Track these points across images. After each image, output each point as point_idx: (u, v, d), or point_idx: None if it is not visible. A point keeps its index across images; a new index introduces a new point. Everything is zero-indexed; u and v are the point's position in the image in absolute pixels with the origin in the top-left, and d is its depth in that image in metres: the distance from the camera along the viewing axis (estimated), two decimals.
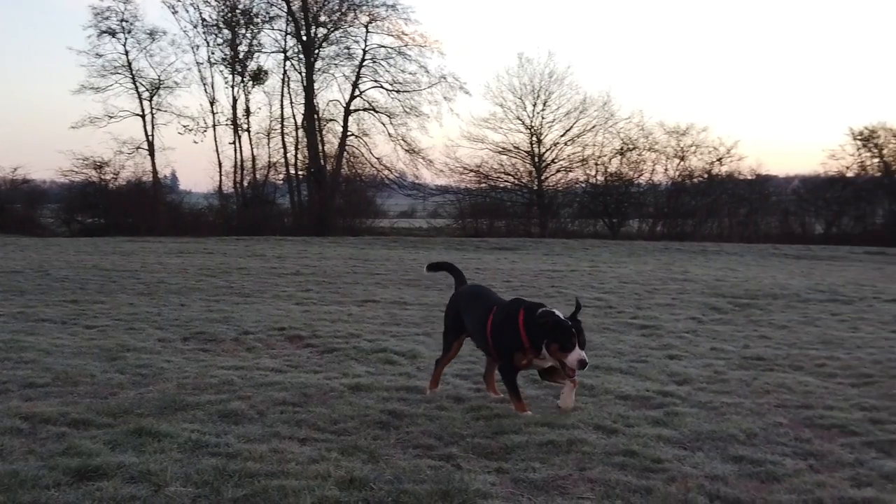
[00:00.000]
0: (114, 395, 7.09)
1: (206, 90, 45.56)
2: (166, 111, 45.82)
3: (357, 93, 46.30)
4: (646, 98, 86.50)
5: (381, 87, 46.45)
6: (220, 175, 46.31)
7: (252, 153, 46.46)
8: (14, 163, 67.86)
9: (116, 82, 45.07)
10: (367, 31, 45.56)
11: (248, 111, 45.93)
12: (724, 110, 77.11)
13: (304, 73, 45.58)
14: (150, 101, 45.51)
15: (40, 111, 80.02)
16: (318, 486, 4.87)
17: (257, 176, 46.80)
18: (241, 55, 45.44)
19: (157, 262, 21.07)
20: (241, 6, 45.46)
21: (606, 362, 8.70)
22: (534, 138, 46.40)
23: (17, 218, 44.47)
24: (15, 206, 46.39)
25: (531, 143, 46.43)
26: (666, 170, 45.53)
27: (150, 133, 45.30)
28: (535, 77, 46.34)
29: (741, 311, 13.11)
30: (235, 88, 45.56)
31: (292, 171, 47.00)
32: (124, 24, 44.57)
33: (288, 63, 45.87)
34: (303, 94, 45.72)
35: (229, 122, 45.70)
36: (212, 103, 45.59)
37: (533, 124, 46.32)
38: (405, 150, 46.58)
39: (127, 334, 10.01)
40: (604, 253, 29.21)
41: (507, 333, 6.75)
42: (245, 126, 45.97)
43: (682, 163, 45.05)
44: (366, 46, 45.75)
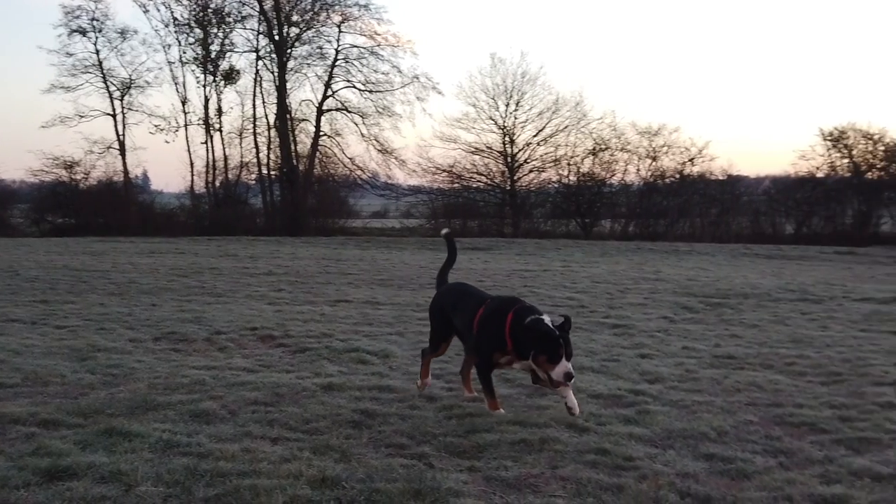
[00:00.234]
0: (84, 395, 7.04)
1: (177, 90, 45.38)
2: (137, 111, 45.64)
3: (330, 93, 46.28)
4: (618, 98, 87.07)
5: (354, 87, 46.42)
6: (192, 175, 46.16)
7: (224, 153, 46.37)
8: None
9: (87, 81, 44.85)
10: (340, 31, 45.57)
11: (220, 111, 45.75)
12: (696, 111, 77.58)
13: (276, 73, 45.41)
14: (121, 100, 45.30)
15: (10, 110, 79.17)
16: (290, 485, 4.86)
17: (229, 176, 46.59)
18: (212, 54, 45.27)
19: (129, 262, 20.94)
20: (212, 5, 45.30)
21: (579, 361, 8.70)
22: (506, 138, 46.43)
23: None
24: None
25: (504, 144, 46.45)
26: (638, 170, 45.74)
27: (121, 133, 45.07)
28: (507, 77, 46.41)
29: (712, 311, 13.18)
30: (207, 88, 45.41)
31: (265, 171, 46.89)
32: (95, 23, 44.35)
33: (260, 62, 45.78)
34: (275, 93, 45.59)
35: (201, 122, 45.53)
36: (183, 103, 45.38)
37: (506, 124, 46.38)
38: (378, 150, 46.59)
39: (97, 334, 9.94)
40: (576, 253, 29.29)
41: (491, 332, 6.68)
42: (217, 126, 45.81)
43: (654, 163, 45.26)
44: (338, 46, 45.75)
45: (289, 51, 45.40)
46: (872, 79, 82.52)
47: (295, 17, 45.62)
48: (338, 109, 46.58)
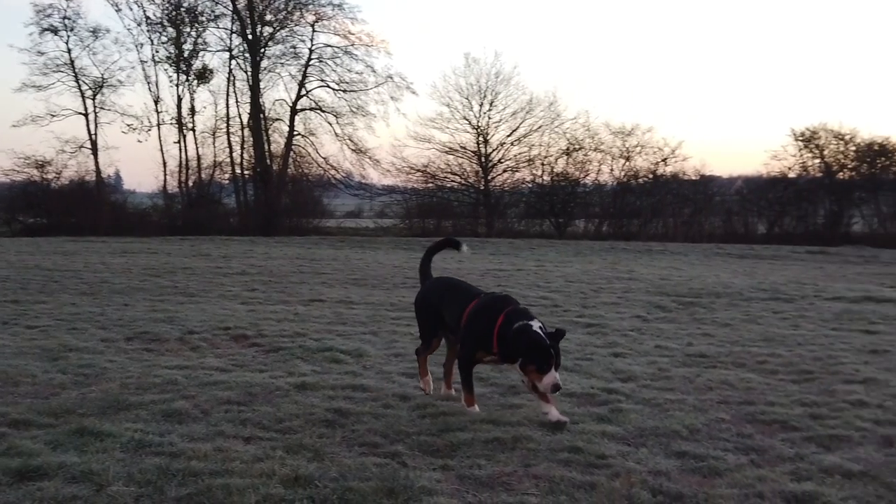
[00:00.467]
0: (55, 395, 6.99)
1: (150, 89, 45.16)
2: (110, 110, 45.41)
3: (303, 92, 46.28)
4: (592, 99, 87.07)
5: (328, 86, 46.44)
6: (165, 174, 45.99)
7: (197, 152, 46.17)
8: None
9: (59, 80, 44.53)
10: (314, 31, 45.55)
11: (193, 110, 45.62)
12: (669, 111, 77.80)
13: (249, 72, 45.39)
14: (93, 99, 45.01)
15: None
16: (263, 484, 4.85)
17: (203, 175, 46.45)
18: (185, 54, 45.13)
19: (101, 261, 20.79)
20: (185, 4, 45.18)
21: None
22: (480, 138, 46.59)
23: None
24: None
25: (478, 143, 46.61)
26: (611, 170, 45.93)
27: (93, 132, 44.81)
28: (481, 77, 46.54)
29: (685, 310, 13.25)
30: (180, 87, 45.28)
31: (238, 170, 46.76)
32: (67, 21, 44.07)
33: (233, 62, 45.71)
34: (248, 93, 45.57)
35: (174, 121, 45.37)
36: (156, 102, 45.18)
37: (479, 124, 46.51)
38: (352, 149, 46.61)
39: (69, 334, 9.87)
40: (550, 252, 29.34)
41: (479, 330, 6.59)
42: (190, 125, 45.69)
43: (628, 163, 45.48)
44: (312, 46, 45.73)
45: (262, 50, 45.33)
46: (844, 79, 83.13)
47: (268, 17, 45.67)
48: (312, 109, 46.63)
